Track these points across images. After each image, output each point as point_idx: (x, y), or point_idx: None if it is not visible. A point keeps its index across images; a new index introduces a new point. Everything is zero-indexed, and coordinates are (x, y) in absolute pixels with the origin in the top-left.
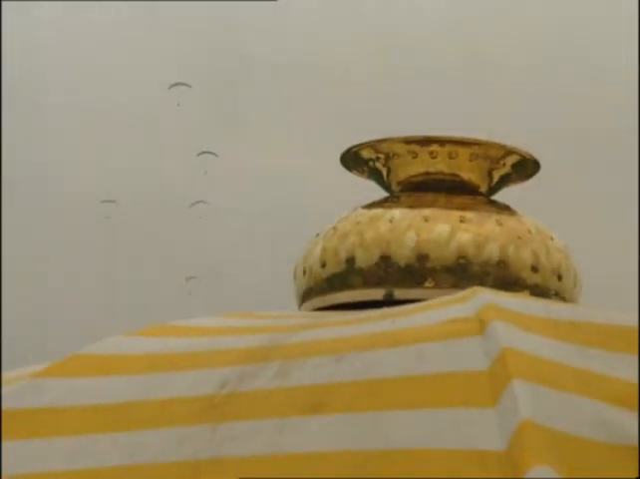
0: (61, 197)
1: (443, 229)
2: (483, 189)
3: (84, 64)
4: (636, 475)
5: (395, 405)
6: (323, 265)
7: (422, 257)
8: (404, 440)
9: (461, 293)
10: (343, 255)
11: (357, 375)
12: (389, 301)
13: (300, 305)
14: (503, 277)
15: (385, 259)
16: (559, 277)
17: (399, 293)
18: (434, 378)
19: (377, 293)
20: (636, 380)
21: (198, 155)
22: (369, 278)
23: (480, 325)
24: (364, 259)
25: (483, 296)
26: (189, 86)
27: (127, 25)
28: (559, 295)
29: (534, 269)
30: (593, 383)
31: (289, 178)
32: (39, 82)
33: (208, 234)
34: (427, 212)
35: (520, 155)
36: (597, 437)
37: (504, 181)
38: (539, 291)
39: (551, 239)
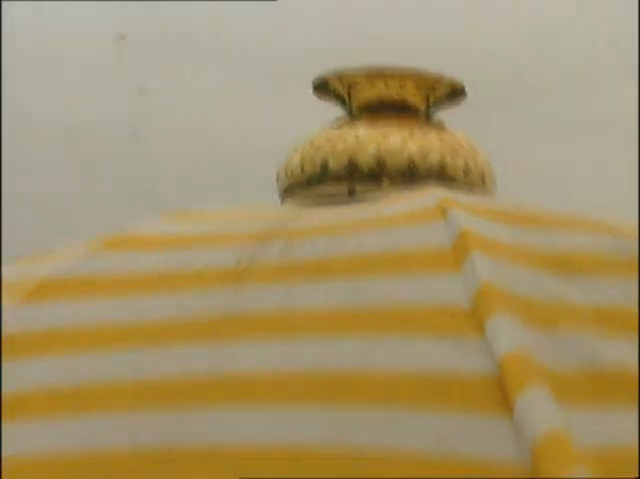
0: (28, 122)
1: (396, 141)
2: (424, 111)
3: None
4: (569, 321)
5: (380, 273)
6: (302, 170)
7: (381, 164)
8: (388, 297)
9: (419, 190)
10: (318, 163)
11: (348, 251)
12: (353, 197)
13: (283, 201)
14: (442, 180)
15: (352, 166)
16: (483, 181)
17: (362, 189)
18: (409, 252)
19: (344, 190)
20: (566, 248)
21: (138, 92)
22: (339, 180)
23: (441, 212)
24: (335, 166)
25: (439, 192)
26: (124, 37)
27: None
28: (482, 194)
29: (465, 174)
30: (532, 254)
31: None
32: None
33: (147, 158)
34: (383, 128)
35: (452, 83)
36: (541, 296)
37: (439, 105)
38: (469, 191)
39: (478, 152)
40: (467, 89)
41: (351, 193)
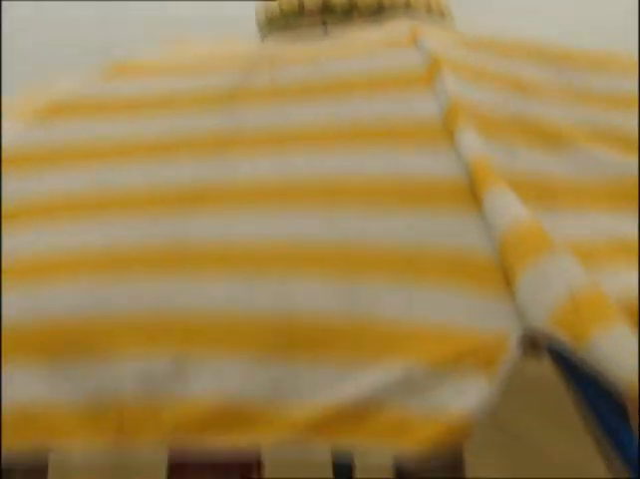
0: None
1: None
2: None
3: None
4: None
5: (361, 92)
6: (280, 10)
7: (352, 2)
8: (369, 113)
9: (390, 23)
10: (295, 4)
11: (331, 75)
12: (327, 31)
13: (263, 40)
14: (410, 17)
15: (326, 4)
16: (443, 17)
17: (335, 23)
18: (386, 74)
19: (319, 23)
20: (521, 74)
21: None
22: (314, 17)
23: (413, 39)
24: (310, 5)
25: (409, 22)
26: None
27: None
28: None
29: (427, 11)
30: (494, 77)
31: None
32: None
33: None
34: None
35: None
36: (502, 113)
37: None
38: (432, 25)
39: None
40: None
41: (324, 23)
